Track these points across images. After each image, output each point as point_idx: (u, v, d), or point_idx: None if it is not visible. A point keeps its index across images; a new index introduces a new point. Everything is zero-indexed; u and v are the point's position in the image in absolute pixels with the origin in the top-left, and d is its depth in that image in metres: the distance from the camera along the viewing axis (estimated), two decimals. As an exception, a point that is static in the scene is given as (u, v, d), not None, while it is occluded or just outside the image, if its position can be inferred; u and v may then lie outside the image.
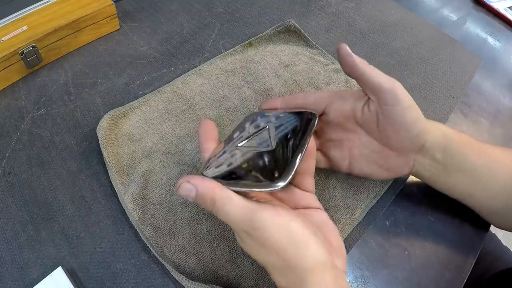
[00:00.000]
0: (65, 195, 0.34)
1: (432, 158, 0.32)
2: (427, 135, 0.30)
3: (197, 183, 0.23)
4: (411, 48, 0.53)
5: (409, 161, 0.32)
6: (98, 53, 0.47)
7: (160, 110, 0.41)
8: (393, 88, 0.29)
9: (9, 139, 0.38)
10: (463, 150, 0.31)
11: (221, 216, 0.24)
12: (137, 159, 0.37)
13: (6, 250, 0.31)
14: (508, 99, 0.50)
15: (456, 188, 0.33)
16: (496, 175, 0.32)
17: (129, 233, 0.33)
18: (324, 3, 0.58)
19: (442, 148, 0.31)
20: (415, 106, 0.29)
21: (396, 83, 0.29)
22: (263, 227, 0.22)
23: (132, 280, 0.30)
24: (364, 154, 0.32)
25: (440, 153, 0.31)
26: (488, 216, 0.35)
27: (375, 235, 0.35)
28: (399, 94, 0.29)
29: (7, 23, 0.42)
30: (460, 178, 0.32)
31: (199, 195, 0.23)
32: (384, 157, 0.32)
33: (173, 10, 0.54)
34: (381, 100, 0.29)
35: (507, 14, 0.63)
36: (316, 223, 0.26)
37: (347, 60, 0.30)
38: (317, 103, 0.32)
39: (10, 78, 0.42)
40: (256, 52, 0.48)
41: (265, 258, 0.24)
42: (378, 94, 0.29)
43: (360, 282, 0.32)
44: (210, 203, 0.23)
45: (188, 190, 0.24)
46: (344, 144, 0.33)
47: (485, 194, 0.32)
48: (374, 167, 0.33)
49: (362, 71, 0.29)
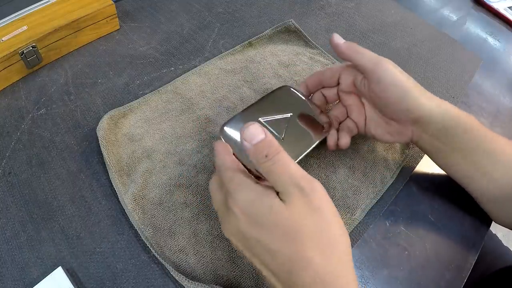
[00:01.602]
0: (65, 195, 0.34)
1: (430, 133, 0.33)
2: (420, 111, 0.32)
3: (266, 132, 0.24)
4: (411, 48, 0.53)
5: (406, 130, 0.34)
6: (98, 53, 0.47)
7: (160, 110, 0.41)
8: (374, 68, 0.32)
9: (9, 139, 0.38)
10: (465, 132, 0.32)
11: (272, 166, 0.23)
12: (137, 159, 0.37)
13: (6, 250, 0.31)
14: (508, 99, 0.50)
15: (456, 168, 0.34)
16: (497, 163, 0.32)
17: (129, 233, 0.33)
18: (324, 3, 0.58)
19: (441, 126, 0.32)
20: (402, 83, 0.32)
21: (380, 63, 0.32)
22: (316, 190, 0.23)
23: (132, 280, 0.30)
24: (371, 118, 0.36)
25: (438, 130, 0.33)
26: (486, 205, 0.35)
27: (375, 235, 0.35)
28: (379, 73, 0.32)
29: (7, 23, 0.42)
30: (460, 159, 0.33)
31: (263, 142, 0.24)
32: (385, 122, 0.35)
33: (173, 10, 0.54)
34: (367, 78, 0.34)
35: (507, 14, 0.63)
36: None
37: (336, 50, 0.35)
38: (332, 75, 0.37)
39: (10, 78, 0.42)
40: (256, 52, 0.48)
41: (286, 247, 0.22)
42: (364, 74, 0.34)
43: (360, 282, 0.32)
44: (267, 153, 0.24)
45: (256, 133, 0.24)
46: (359, 108, 0.37)
47: (485, 179, 0.33)
48: (380, 131, 0.36)
49: (348, 57, 0.34)
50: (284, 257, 0.22)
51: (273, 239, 0.23)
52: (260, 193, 0.24)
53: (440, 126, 0.32)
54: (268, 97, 0.37)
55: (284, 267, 0.22)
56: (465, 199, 0.36)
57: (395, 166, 0.39)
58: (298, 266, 0.22)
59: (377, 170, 0.38)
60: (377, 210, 0.36)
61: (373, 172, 0.38)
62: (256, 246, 0.23)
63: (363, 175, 0.38)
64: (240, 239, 0.24)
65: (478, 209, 0.36)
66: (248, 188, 0.24)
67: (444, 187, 0.38)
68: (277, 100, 0.37)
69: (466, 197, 0.36)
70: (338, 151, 0.39)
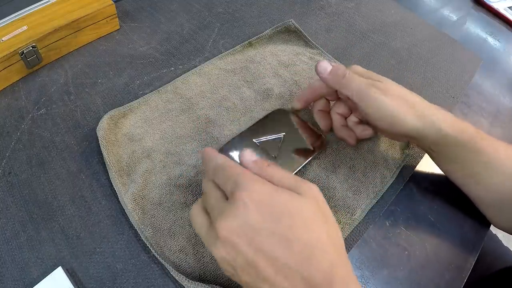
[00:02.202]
0: (65, 195, 0.34)
1: (425, 146, 0.34)
2: (411, 133, 0.32)
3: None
4: (411, 48, 0.53)
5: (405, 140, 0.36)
6: (98, 53, 0.47)
7: (160, 110, 0.41)
8: (359, 103, 0.33)
9: (9, 139, 0.38)
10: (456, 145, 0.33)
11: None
12: (137, 159, 0.37)
13: (6, 250, 0.31)
14: (508, 99, 0.50)
15: (453, 175, 0.35)
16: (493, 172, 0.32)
17: (129, 233, 0.33)
18: (324, 3, 0.58)
19: (435, 142, 0.33)
20: (389, 111, 0.32)
21: (365, 97, 0.33)
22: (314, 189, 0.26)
23: (132, 280, 0.30)
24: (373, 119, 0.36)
25: (432, 145, 0.33)
26: (484, 209, 0.35)
27: (375, 235, 0.35)
28: (364, 107, 0.33)
29: (7, 23, 0.42)
30: (456, 167, 0.34)
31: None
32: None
33: (173, 10, 0.54)
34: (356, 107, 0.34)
35: (507, 14, 0.63)
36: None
37: (321, 78, 0.36)
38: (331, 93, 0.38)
39: (10, 78, 0.42)
40: (256, 52, 0.48)
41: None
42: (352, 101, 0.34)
43: (360, 282, 0.32)
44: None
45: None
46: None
47: (479, 187, 0.34)
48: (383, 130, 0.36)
49: (333, 87, 0.35)
50: (302, 244, 0.23)
51: (291, 228, 0.23)
52: (275, 187, 0.25)
53: (434, 142, 0.33)
54: (262, 120, 0.40)
55: (303, 254, 0.23)
56: (465, 199, 0.36)
57: (395, 166, 0.39)
58: (318, 250, 0.23)
59: (377, 170, 0.38)
60: (377, 210, 0.36)
61: (373, 172, 0.38)
62: (267, 238, 0.23)
63: (363, 175, 0.38)
64: (245, 234, 0.23)
65: (478, 209, 0.36)
66: (262, 181, 0.25)
67: (444, 187, 0.38)
68: (271, 122, 0.39)
69: (466, 197, 0.36)
70: (338, 151, 0.39)
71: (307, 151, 0.37)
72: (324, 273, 0.22)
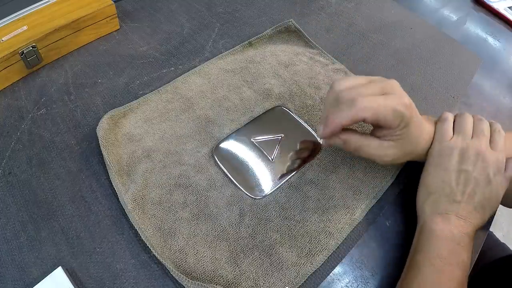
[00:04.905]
0: (65, 195, 0.34)
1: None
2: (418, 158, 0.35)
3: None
4: (411, 48, 0.53)
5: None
6: (98, 53, 0.47)
7: (160, 110, 0.41)
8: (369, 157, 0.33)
9: (9, 139, 0.38)
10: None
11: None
12: (137, 159, 0.37)
13: (6, 250, 0.31)
14: (508, 99, 0.50)
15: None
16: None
17: (129, 233, 0.33)
18: (324, 3, 0.58)
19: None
20: (401, 155, 0.33)
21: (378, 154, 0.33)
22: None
23: (132, 280, 0.30)
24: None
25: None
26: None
27: (375, 235, 0.35)
28: (376, 158, 0.33)
29: (7, 23, 0.42)
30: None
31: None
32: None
33: (173, 10, 0.54)
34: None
35: (507, 14, 0.63)
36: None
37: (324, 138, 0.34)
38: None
39: (10, 78, 0.42)
40: (256, 52, 0.48)
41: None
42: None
43: (360, 282, 0.32)
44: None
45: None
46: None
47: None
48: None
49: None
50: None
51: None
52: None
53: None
54: (261, 117, 0.40)
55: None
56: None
57: (395, 166, 0.39)
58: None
59: (377, 170, 0.38)
60: (377, 210, 0.36)
61: (373, 172, 0.38)
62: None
63: (363, 175, 0.38)
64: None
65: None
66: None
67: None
68: (270, 120, 0.40)
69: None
70: (338, 151, 0.39)
71: (304, 156, 0.38)
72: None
